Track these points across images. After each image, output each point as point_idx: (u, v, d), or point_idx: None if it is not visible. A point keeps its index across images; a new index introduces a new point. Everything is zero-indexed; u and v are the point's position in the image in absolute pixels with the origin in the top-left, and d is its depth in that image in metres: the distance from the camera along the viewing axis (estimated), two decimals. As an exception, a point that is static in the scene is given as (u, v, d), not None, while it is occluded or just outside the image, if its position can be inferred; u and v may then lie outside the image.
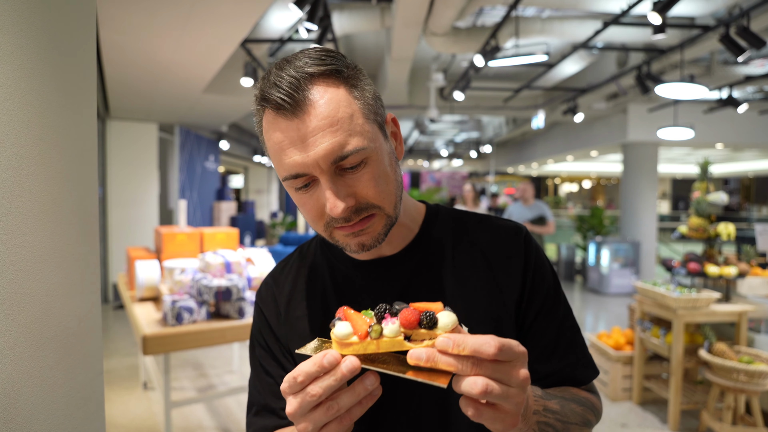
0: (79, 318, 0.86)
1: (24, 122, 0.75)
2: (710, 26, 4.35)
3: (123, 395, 3.67)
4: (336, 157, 0.59)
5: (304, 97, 0.58)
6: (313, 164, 0.59)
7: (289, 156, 0.60)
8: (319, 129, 0.58)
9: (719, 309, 3.19)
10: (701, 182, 3.57)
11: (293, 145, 0.59)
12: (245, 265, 2.85)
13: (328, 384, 0.50)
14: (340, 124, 0.59)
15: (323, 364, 0.50)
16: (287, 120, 0.59)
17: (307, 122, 0.58)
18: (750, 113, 7.99)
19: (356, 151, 0.59)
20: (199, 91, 5.44)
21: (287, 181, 0.62)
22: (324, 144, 0.58)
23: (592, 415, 0.73)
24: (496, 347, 0.47)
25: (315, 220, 0.65)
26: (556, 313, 0.74)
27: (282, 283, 0.80)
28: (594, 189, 25.14)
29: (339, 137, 0.59)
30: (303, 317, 0.76)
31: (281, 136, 0.60)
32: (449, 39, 5.28)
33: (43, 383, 0.76)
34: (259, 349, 0.79)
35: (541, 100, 8.77)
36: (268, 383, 0.76)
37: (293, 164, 0.60)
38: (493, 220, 0.78)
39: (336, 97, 0.60)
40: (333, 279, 0.77)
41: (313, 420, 0.52)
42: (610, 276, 7.80)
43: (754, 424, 2.90)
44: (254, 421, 0.76)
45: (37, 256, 0.76)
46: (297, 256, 0.83)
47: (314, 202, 0.63)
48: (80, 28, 0.90)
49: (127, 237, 6.74)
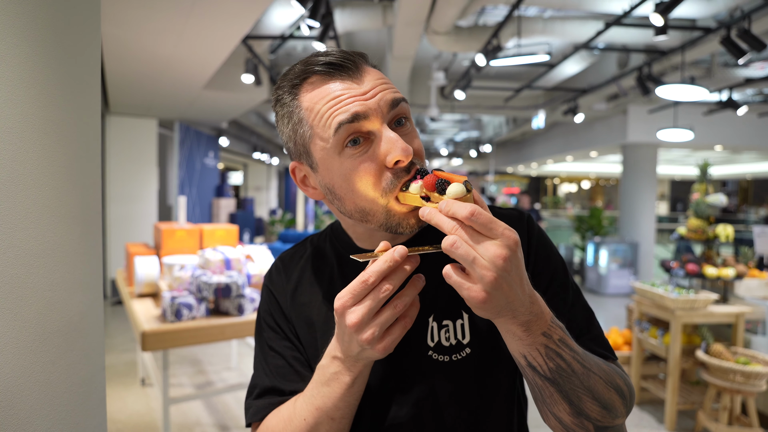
0: (81, 313, 0.86)
1: (27, 116, 0.75)
2: (711, 28, 4.35)
3: (121, 391, 3.67)
4: (393, 99, 0.63)
5: (358, 60, 0.65)
6: (376, 106, 0.62)
7: (348, 110, 0.61)
8: (378, 84, 0.64)
9: (717, 310, 3.20)
10: (701, 184, 3.57)
11: (354, 99, 0.62)
12: (245, 262, 2.85)
13: (400, 276, 0.56)
14: (387, 81, 0.66)
15: (395, 257, 0.55)
16: (343, 80, 0.63)
17: (366, 79, 0.64)
18: (749, 116, 8.00)
19: (403, 100, 0.65)
20: (199, 87, 5.43)
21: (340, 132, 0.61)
22: (384, 94, 0.63)
23: (624, 384, 0.65)
24: (469, 211, 0.52)
25: (373, 183, 0.63)
26: (565, 296, 0.73)
27: (291, 269, 0.81)
28: (593, 189, 25.17)
29: (391, 88, 0.65)
30: (308, 304, 0.77)
31: (339, 91, 0.62)
32: (451, 38, 5.28)
33: (45, 378, 0.77)
34: (268, 331, 0.79)
35: (541, 100, 8.77)
36: (278, 366, 0.75)
37: (355, 107, 0.61)
38: (497, 208, 0.79)
39: (374, 69, 0.67)
40: (341, 268, 0.77)
41: (380, 323, 0.57)
42: (608, 276, 7.81)
43: (749, 425, 2.91)
44: (255, 403, 0.75)
45: (40, 251, 0.76)
46: (307, 244, 0.84)
47: (370, 161, 0.63)
48: (84, 22, 0.90)
49: (126, 233, 6.72)
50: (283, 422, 0.69)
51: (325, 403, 0.64)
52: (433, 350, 0.71)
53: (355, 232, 0.75)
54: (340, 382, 0.63)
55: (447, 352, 0.71)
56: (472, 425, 0.71)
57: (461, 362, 0.71)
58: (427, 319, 0.72)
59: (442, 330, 0.72)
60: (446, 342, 0.71)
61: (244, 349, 4.58)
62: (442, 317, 0.72)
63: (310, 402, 0.66)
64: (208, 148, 8.83)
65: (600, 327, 0.74)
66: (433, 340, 0.71)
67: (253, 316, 2.56)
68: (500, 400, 0.73)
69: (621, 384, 0.65)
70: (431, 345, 0.71)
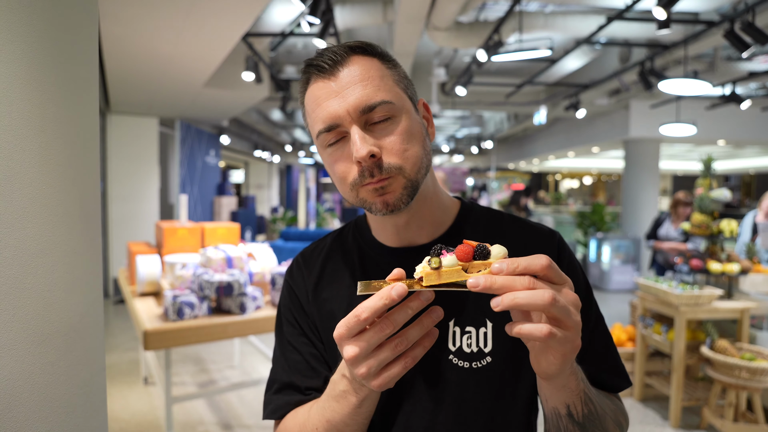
0: (81, 314, 0.85)
1: (24, 114, 0.73)
2: (714, 22, 4.31)
3: (124, 390, 3.67)
4: (365, 106, 0.64)
5: (342, 60, 0.66)
6: (345, 113, 0.64)
7: (324, 109, 0.66)
8: (351, 83, 0.65)
9: (721, 306, 3.18)
10: (704, 179, 3.54)
11: (328, 98, 0.65)
12: (246, 260, 2.84)
13: (403, 315, 0.52)
14: (371, 80, 0.66)
15: (392, 296, 0.50)
16: (325, 80, 0.66)
17: (342, 78, 0.65)
18: (752, 110, 7.95)
19: (383, 103, 0.65)
20: (200, 85, 5.41)
21: (321, 137, 0.67)
22: (355, 94, 0.64)
23: (624, 419, 0.73)
24: (547, 260, 0.49)
25: (343, 178, 0.67)
26: (587, 318, 0.74)
27: (312, 264, 0.81)
28: (595, 185, 25.10)
29: (368, 90, 0.65)
30: (330, 299, 0.77)
31: (319, 92, 0.67)
32: (452, 34, 5.25)
33: (44, 380, 0.75)
34: (287, 326, 0.79)
35: (543, 96, 8.74)
36: (295, 361, 0.76)
37: (327, 115, 0.65)
38: (527, 221, 0.80)
39: (369, 63, 0.67)
40: (362, 264, 0.78)
41: (377, 361, 0.53)
42: (611, 272, 7.79)
43: (755, 421, 2.89)
44: (274, 399, 0.76)
45: (38, 250, 0.75)
46: (330, 239, 0.84)
47: (344, 158, 0.67)
48: (81, 19, 0.88)
49: (127, 232, 6.72)
50: (298, 427, 0.70)
51: (335, 417, 0.64)
52: (454, 355, 0.71)
53: (373, 220, 0.78)
54: (348, 402, 0.62)
55: (468, 358, 0.70)
56: None
57: (481, 370, 0.70)
58: (448, 323, 0.71)
59: (465, 336, 0.71)
60: (467, 348, 0.70)
61: (246, 348, 4.57)
62: (465, 323, 0.71)
63: (321, 413, 0.66)
64: (209, 146, 8.82)
65: (617, 352, 0.76)
66: (454, 345, 0.71)
67: (255, 314, 2.56)
68: (518, 412, 0.72)
69: (622, 421, 0.72)
70: (452, 350, 0.71)
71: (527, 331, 0.49)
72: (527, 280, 0.48)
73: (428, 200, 0.74)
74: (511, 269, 0.49)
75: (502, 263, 0.50)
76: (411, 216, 0.73)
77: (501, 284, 0.48)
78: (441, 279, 0.52)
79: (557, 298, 0.47)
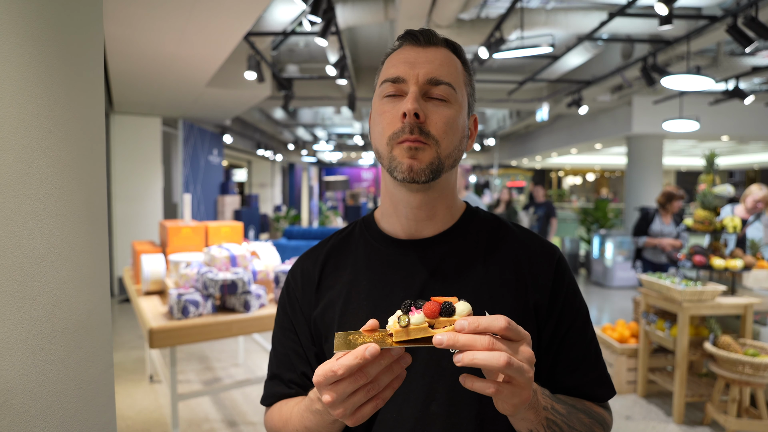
0: (89, 311, 0.86)
1: (32, 116, 0.75)
2: (717, 17, 4.29)
3: (129, 388, 3.70)
4: (433, 77, 0.71)
5: (435, 42, 0.75)
6: (414, 74, 0.71)
7: (397, 64, 0.73)
8: (432, 60, 0.73)
9: (725, 302, 3.18)
10: (707, 174, 3.54)
11: (407, 60, 0.73)
12: (250, 259, 2.86)
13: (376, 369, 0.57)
14: (447, 66, 0.73)
15: (365, 356, 0.54)
16: (414, 47, 0.74)
17: (427, 53, 0.73)
18: (756, 105, 7.92)
19: (447, 83, 0.72)
20: (202, 84, 5.43)
21: (383, 85, 0.74)
22: (429, 66, 0.72)
23: (601, 429, 0.77)
24: (505, 321, 0.54)
25: (386, 128, 0.72)
26: (585, 332, 0.80)
27: (317, 254, 0.86)
28: (598, 182, 25.02)
29: (441, 70, 0.72)
30: (332, 287, 0.81)
31: (403, 53, 0.74)
32: (453, 31, 5.25)
33: (55, 376, 0.77)
34: (281, 320, 0.86)
35: (545, 93, 8.72)
36: (282, 354, 0.84)
37: (398, 70, 0.72)
38: (532, 232, 0.84)
39: (452, 58, 0.75)
40: (366, 254, 0.81)
41: (352, 403, 0.58)
42: (614, 269, 7.78)
43: (759, 417, 2.90)
44: (268, 385, 0.86)
45: (47, 249, 0.77)
46: (338, 232, 0.89)
47: (393, 111, 0.72)
48: (87, 21, 0.90)
49: (131, 231, 6.76)
50: (282, 422, 0.78)
51: (311, 428, 0.70)
52: None
53: (384, 206, 0.82)
54: (324, 419, 0.67)
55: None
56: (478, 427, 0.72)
57: None
58: None
59: None
60: None
61: (250, 345, 4.60)
62: None
63: (300, 420, 0.72)
64: (212, 145, 8.84)
65: (605, 365, 0.82)
66: None
67: (259, 312, 2.58)
68: None
69: (598, 431, 0.76)
70: None
71: (478, 387, 0.54)
72: (487, 340, 0.52)
73: (444, 193, 0.78)
74: (472, 328, 0.53)
75: (464, 321, 0.54)
76: (425, 199, 0.76)
77: (463, 343, 0.53)
78: (409, 335, 0.57)
79: (511, 361, 0.52)
